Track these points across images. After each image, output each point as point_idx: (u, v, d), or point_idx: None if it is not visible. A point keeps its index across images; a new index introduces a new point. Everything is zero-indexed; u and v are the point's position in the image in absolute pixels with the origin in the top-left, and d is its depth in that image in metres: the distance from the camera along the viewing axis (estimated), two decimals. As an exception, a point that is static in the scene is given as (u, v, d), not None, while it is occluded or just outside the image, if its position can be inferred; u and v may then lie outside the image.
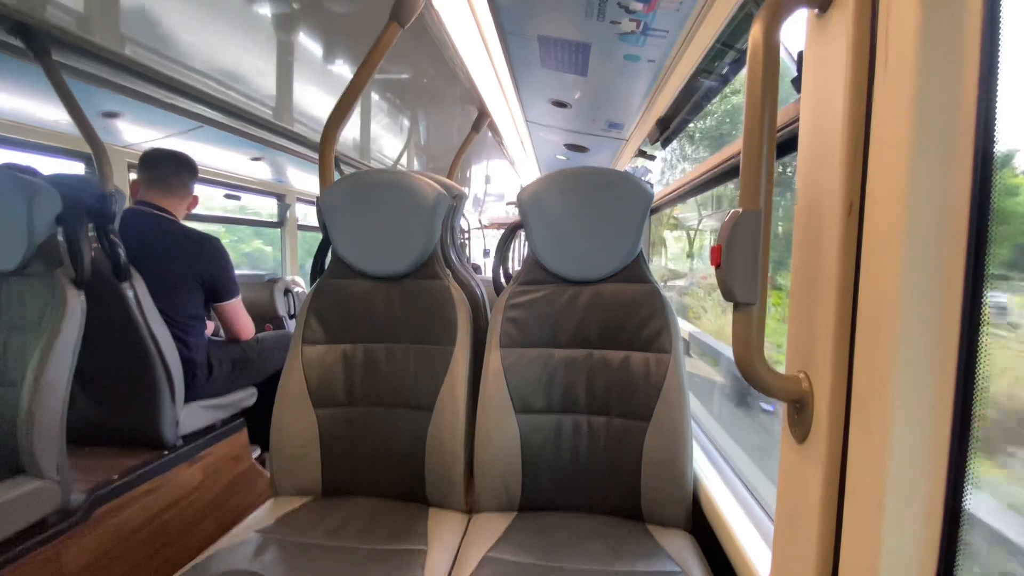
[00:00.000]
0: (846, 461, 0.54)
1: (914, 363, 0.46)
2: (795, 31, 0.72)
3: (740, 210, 0.56)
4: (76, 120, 1.39)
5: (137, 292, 1.45)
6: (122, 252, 1.40)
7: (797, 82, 0.68)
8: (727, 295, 0.57)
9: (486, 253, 7.53)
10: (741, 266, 0.56)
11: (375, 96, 2.18)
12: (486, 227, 7.88)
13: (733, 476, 1.18)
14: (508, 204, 7.23)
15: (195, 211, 1.89)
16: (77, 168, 2.13)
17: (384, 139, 2.89)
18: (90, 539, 1.24)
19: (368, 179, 1.31)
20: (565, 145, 3.02)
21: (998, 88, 0.43)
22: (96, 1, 1.24)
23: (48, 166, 2.06)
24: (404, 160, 3.49)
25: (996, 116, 0.43)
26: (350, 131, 2.62)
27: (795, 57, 0.70)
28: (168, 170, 1.70)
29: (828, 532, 0.56)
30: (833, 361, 0.54)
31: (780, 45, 0.57)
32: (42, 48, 1.30)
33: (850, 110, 0.52)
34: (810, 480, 0.58)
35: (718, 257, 0.56)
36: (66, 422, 1.24)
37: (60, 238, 1.28)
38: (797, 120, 0.65)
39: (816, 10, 0.59)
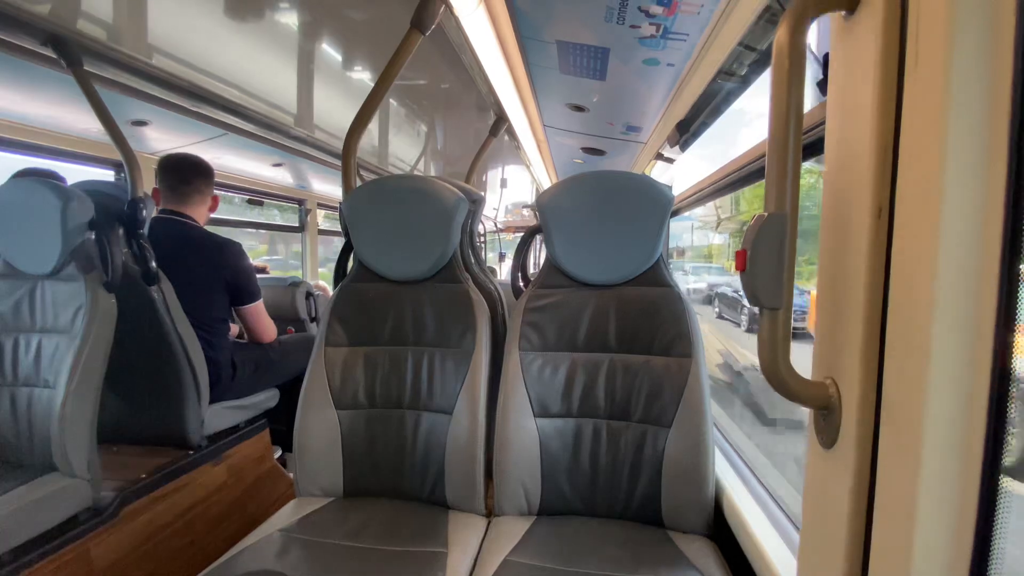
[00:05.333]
0: (875, 468, 0.53)
1: (948, 369, 0.46)
2: (819, 33, 0.71)
3: (765, 214, 0.55)
4: (107, 128, 1.43)
5: (165, 296, 1.48)
6: (151, 257, 1.44)
7: (823, 85, 0.67)
8: (752, 300, 0.56)
9: (502, 257, 7.53)
10: (766, 270, 0.55)
11: (393, 102, 2.20)
12: (502, 231, 7.90)
13: (756, 482, 1.16)
14: (525, 208, 7.24)
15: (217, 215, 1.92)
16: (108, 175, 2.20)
17: (402, 144, 2.91)
18: (119, 536, 1.27)
19: (389, 184, 1.32)
20: (582, 149, 3.01)
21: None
22: (126, 13, 1.28)
23: (81, 173, 2.13)
24: (421, 165, 3.52)
25: (1033, 117, 0.42)
26: (368, 137, 2.66)
27: (820, 59, 0.69)
28: (176, 178, 1.73)
29: (856, 541, 0.55)
30: (862, 367, 0.53)
31: (807, 47, 0.56)
32: (74, 58, 1.34)
33: (879, 112, 0.52)
34: (838, 487, 0.57)
35: (743, 261, 0.56)
36: (97, 422, 1.27)
37: (92, 243, 1.32)
38: (823, 123, 0.65)
39: (843, 12, 0.58)
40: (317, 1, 1.30)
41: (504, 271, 6.46)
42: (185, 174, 1.73)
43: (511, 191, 5.47)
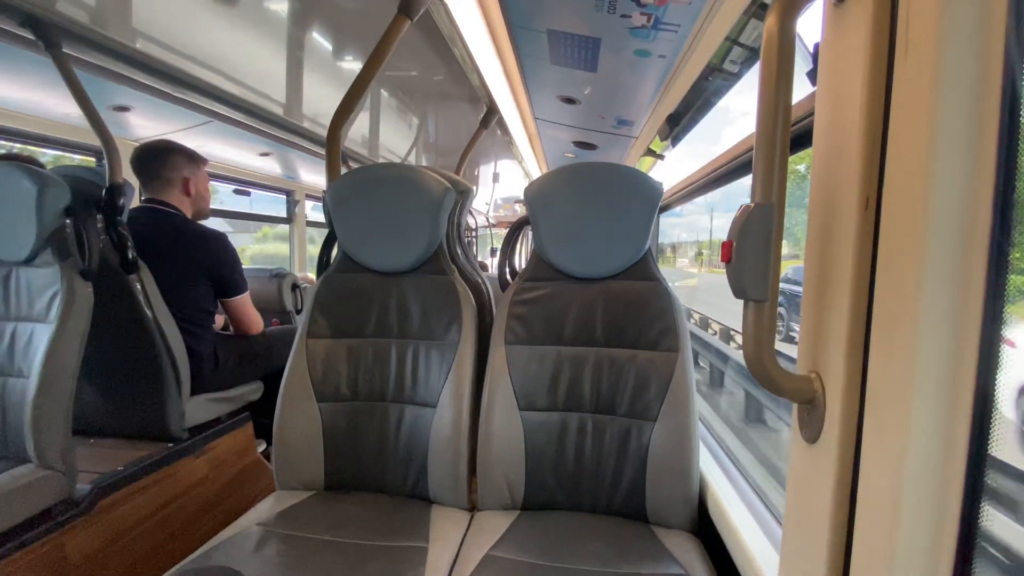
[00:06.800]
0: (859, 463, 0.52)
1: (933, 363, 0.45)
2: (809, 23, 0.70)
3: (752, 204, 0.54)
4: (86, 113, 1.40)
5: (144, 285, 1.45)
6: (130, 245, 1.40)
7: (812, 75, 0.66)
8: (737, 292, 0.55)
9: (493, 252, 7.51)
10: (752, 262, 0.54)
11: (384, 93, 2.17)
12: (494, 226, 7.87)
13: (740, 477, 1.16)
14: (516, 203, 7.22)
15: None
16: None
17: (393, 136, 2.89)
18: (94, 530, 1.25)
19: (374, 173, 1.30)
20: (574, 143, 3.00)
21: (1026, 76, 0.41)
22: None
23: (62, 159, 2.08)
24: (412, 157, 3.49)
25: (1023, 106, 0.41)
26: (359, 128, 2.62)
27: (810, 49, 0.68)
28: (138, 167, 1.67)
29: (839, 536, 0.55)
30: (847, 361, 0.53)
31: (796, 36, 0.55)
32: (53, 40, 1.30)
33: (868, 101, 0.51)
34: (821, 482, 0.56)
35: (728, 252, 0.55)
36: (72, 413, 1.24)
37: (69, 230, 1.29)
38: (811, 114, 0.64)
39: None
40: None
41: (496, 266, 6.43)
42: (145, 162, 1.67)
43: (504, 186, 5.45)
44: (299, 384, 1.24)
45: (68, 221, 1.28)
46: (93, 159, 2.15)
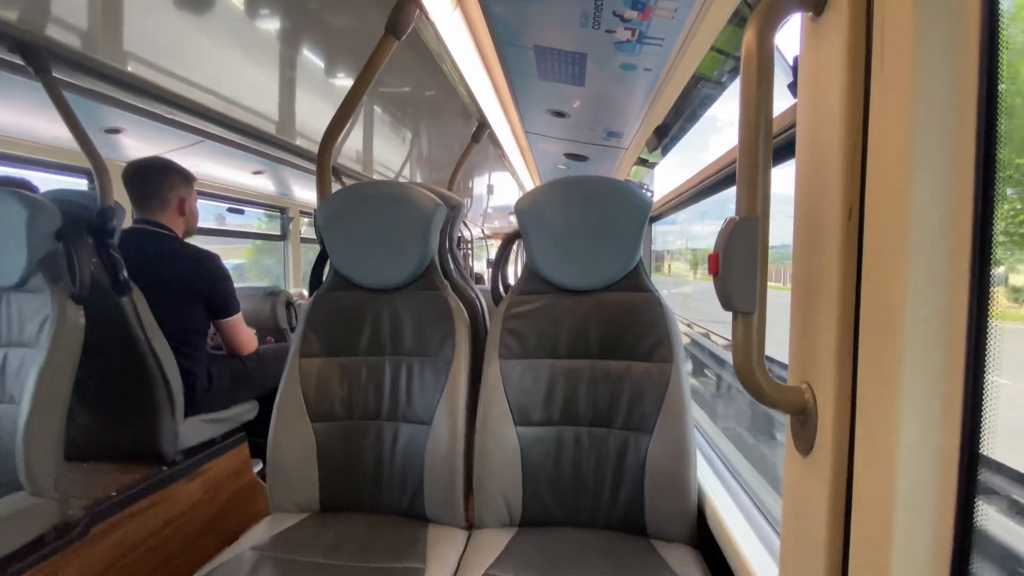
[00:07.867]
0: (852, 474, 0.52)
1: (921, 371, 0.45)
2: (790, 36, 0.71)
3: (737, 217, 0.55)
4: (76, 136, 1.40)
5: (137, 307, 1.44)
6: (121, 267, 1.40)
7: (793, 87, 0.67)
8: (725, 304, 0.55)
9: (490, 264, 7.53)
10: (739, 274, 0.54)
11: (377, 110, 2.19)
12: (489, 238, 7.90)
13: (739, 488, 1.15)
14: (511, 215, 7.25)
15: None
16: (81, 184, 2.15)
17: (386, 152, 2.90)
18: (88, 556, 1.23)
19: (364, 191, 1.30)
20: (565, 155, 3.02)
21: (999, 86, 0.41)
22: (98, 19, 1.25)
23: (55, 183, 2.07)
24: (406, 172, 3.50)
25: (998, 115, 0.42)
26: (352, 144, 2.64)
27: (790, 62, 0.69)
28: (131, 186, 1.66)
29: (835, 546, 0.54)
30: (837, 371, 0.53)
31: (775, 49, 0.56)
32: (42, 65, 1.30)
33: (848, 113, 0.51)
34: (816, 494, 0.56)
35: (715, 265, 0.55)
36: (65, 437, 1.23)
37: (60, 254, 1.28)
38: (794, 126, 0.64)
39: (811, 13, 0.58)
40: (295, 8, 1.28)
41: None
42: (138, 180, 1.66)
43: (499, 198, 5.48)
44: (292, 404, 1.23)
45: (59, 245, 1.28)
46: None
